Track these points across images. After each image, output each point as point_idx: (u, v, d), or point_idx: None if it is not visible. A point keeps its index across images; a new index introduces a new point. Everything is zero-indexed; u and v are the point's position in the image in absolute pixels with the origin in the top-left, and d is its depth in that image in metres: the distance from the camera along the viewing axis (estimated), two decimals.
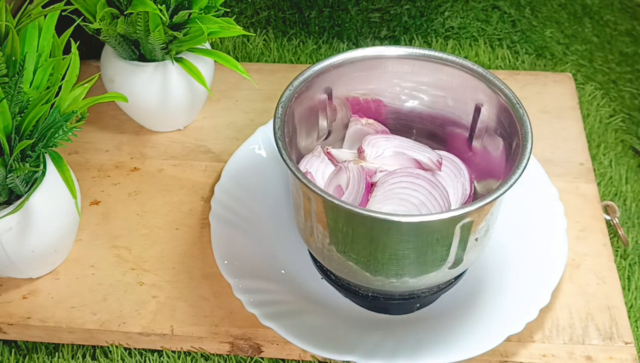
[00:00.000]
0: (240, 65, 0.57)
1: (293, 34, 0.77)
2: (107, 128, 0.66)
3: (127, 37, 0.58)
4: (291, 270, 0.54)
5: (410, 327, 0.50)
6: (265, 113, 0.66)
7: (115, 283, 0.55)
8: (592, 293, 0.53)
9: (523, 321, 0.48)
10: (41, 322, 0.52)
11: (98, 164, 0.63)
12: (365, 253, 0.46)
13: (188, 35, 0.57)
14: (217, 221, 0.56)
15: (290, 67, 0.72)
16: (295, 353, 0.51)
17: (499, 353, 0.50)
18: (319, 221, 0.46)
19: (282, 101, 0.48)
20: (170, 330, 0.52)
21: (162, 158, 0.64)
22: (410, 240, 0.44)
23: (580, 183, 0.60)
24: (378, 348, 0.48)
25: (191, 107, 0.64)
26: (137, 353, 0.52)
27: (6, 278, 0.55)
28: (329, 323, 0.50)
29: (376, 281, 0.47)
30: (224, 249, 0.54)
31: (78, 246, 0.57)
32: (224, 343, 0.51)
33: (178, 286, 0.54)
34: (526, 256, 0.53)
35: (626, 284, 0.55)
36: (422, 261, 0.45)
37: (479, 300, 0.51)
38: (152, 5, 0.53)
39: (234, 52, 0.75)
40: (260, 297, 0.51)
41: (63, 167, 0.49)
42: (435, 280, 0.48)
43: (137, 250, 0.57)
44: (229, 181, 0.58)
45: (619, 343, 0.50)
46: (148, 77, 0.60)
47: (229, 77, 0.65)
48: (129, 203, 0.60)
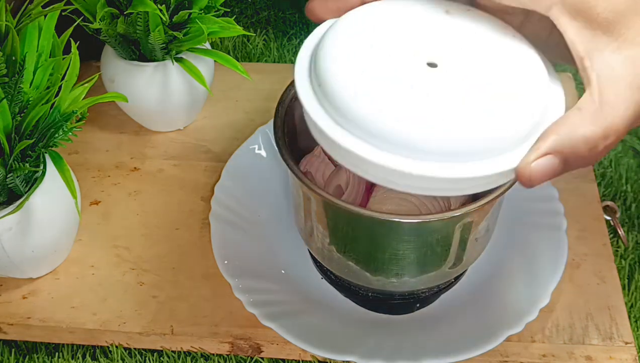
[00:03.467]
0: (240, 65, 0.57)
1: (293, 34, 0.77)
2: (107, 128, 0.66)
3: (127, 37, 0.58)
4: (291, 270, 0.54)
5: (410, 327, 0.50)
6: (265, 113, 0.66)
7: (115, 283, 0.55)
8: (592, 293, 0.53)
9: (523, 321, 0.48)
10: (41, 322, 0.52)
11: (98, 164, 0.63)
12: (365, 253, 0.46)
13: (188, 36, 0.57)
14: (217, 221, 0.56)
15: (290, 67, 0.71)
16: (295, 353, 0.51)
17: (499, 353, 0.50)
18: (319, 221, 0.46)
19: (282, 101, 0.48)
20: (170, 330, 0.52)
21: (162, 158, 0.64)
22: (411, 240, 0.44)
23: (580, 183, 0.60)
24: (378, 348, 0.48)
25: (191, 107, 0.64)
26: (137, 353, 0.52)
27: (6, 278, 0.55)
28: (329, 323, 0.50)
29: (376, 281, 0.47)
30: (224, 249, 0.54)
31: (78, 246, 0.57)
32: (224, 343, 0.51)
33: (178, 286, 0.54)
34: (526, 256, 0.53)
35: (626, 284, 0.55)
36: (422, 261, 0.45)
37: (479, 300, 0.51)
38: (152, 5, 0.53)
39: (234, 52, 0.75)
40: (260, 297, 0.51)
41: (63, 167, 0.49)
42: (435, 280, 0.48)
43: (137, 250, 0.57)
44: (229, 181, 0.58)
45: (619, 343, 0.50)
46: (148, 77, 0.60)
47: (229, 77, 0.65)
48: (129, 203, 0.60)
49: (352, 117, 0.37)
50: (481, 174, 0.37)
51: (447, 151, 0.36)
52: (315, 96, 0.40)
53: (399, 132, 0.36)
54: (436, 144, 0.36)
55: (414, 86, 0.38)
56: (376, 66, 0.39)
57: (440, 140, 0.36)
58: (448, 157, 0.37)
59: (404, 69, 0.39)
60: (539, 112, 0.38)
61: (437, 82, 0.38)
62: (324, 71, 0.39)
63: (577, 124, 0.37)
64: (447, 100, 0.37)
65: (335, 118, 0.38)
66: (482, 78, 0.39)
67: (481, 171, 0.37)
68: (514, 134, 0.37)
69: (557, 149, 0.36)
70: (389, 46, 0.40)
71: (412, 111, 0.37)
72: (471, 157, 0.37)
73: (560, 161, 0.37)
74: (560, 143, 0.36)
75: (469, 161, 0.37)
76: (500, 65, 0.39)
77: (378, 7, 0.42)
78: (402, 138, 0.36)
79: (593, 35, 0.37)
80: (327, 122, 0.38)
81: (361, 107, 0.37)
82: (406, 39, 0.40)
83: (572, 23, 0.37)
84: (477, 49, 0.40)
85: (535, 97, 0.38)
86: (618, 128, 0.36)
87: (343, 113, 0.38)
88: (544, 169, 0.37)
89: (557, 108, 0.39)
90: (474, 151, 0.37)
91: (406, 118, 0.36)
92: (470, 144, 0.37)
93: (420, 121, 0.36)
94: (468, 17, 0.42)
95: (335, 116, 0.38)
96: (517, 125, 0.37)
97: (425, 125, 0.36)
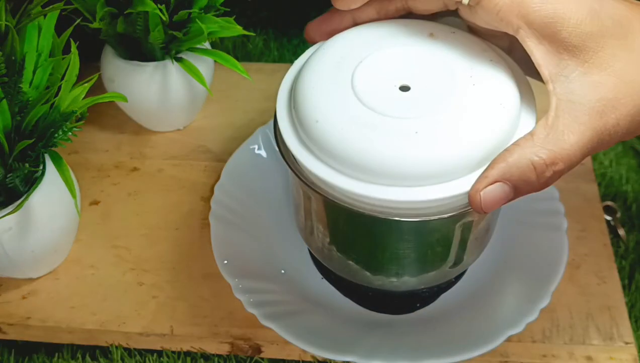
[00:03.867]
0: (240, 65, 0.57)
1: (293, 34, 0.77)
2: (106, 128, 0.66)
3: (127, 37, 0.58)
4: (291, 270, 0.54)
5: (411, 326, 0.50)
6: (265, 113, 0.66)
7: (115, 283, 0.55)
8: (592, 293, 0.53)
9: (524, 321, 0.48)
10: (41, 322, 0.52)
11: (98, 164, 0.63)
12: (366, 252, 0.46)
13: (188, 35, 0.57)
14: (217, 221, 0.55)
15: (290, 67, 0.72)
16: (295, 353, 0.51)
17: (499, 353, 0.50)
18: (319, 220, 0.46)
19: None
20: (170, 330, 0.52)
21: (161, 158, 0.64)
22: (410, 239, 0.44)
23: (580, 183, 0.60)
24: (378, 348, 0.48)
25: (191, 107, 0.64)
26: (137, 353, 0.52)
27: (6, 278, 0.55)
28: (329, 324, 0.50)
29: (376, 280, 0.47)
30: (223, 249, 0.54)
31: (78, 246, 0.57)
32: (224, 344, 0.51)
33: (178, 287, 0.54)
34: (526, 256, 0.53)
35: (626, 284, 0.55)
36: (422, 261, 0.45)
37: (479, 300, 0.51)
38: (152, 4, 0.53)
39: (234, 52, 0.75)
40: (260, 297, 0.51)
41: (63, 167, 0.49)
42: (436, 280, 0.48)
43: (137, 250, 0.57)
44: (229, 181, 0.58)
45: (619, 343, 0.50)
46: (148, 77, 0.60)
47: (229, 77, 0.65)
48: (129, 203, 0.60)
49: (313, 140, 0.40)
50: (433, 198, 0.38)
51: (397, 175, 0.38)
52: (289, 116, 0.42)
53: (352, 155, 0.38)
54: (389, 167, 0.38)
55: (377, 109, 0.39)
56: (345, 89, 0.41)
57: (393, 163, 0.38)
58: (399, 181, 0.38)
59: (373, 92, 0.40)
60: (498, 138, 0.39)
61: (402, 105, 0.39)
62: (298, 93, 0.42)
63: (526, 150, 0.37)
64: (407, 123, 0.38)
65: (303, 138, 0.41)
66: (449, 102, 0.39)
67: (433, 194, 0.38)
68: (468, 160, 0.38)
69: (505, 177, 0.37)
70: (365, 69, 0.41)
71: (367, 134, 0.38)
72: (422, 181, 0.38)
73: (510, 188, 0.37)
74: (508, 170, 0.37)
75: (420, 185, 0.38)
76: (472, 89, 0.40)
77: (363, 30, 0.44)
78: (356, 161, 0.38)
79: (559, 59, 0.37)
80: (294, 139, 0.41)
81: (320, 131, 0.39)
82: (384, 62, 0.42)
83: (539, 47, 0.37)
84: (453, 72, 0.41)
85: (498, 121, 0.39)
86: (568, 155, 0.37)
87: (307, 134, 0.40)
88: (494, 197, 0.37)
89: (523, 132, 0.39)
90: (424, 175, 0.38)
91: (360, 141, 0.38)
92: (421, 168, 0.38)
93: (374, 143, 0.38)
94: (451, 40, 0.43)
95: (302, 136, 0.41)
96: (472, 150, 0.38)
97: (379, 148, 0.38)
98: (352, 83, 0.41)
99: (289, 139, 0.41)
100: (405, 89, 0.40)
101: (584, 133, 0.36)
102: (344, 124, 0.39)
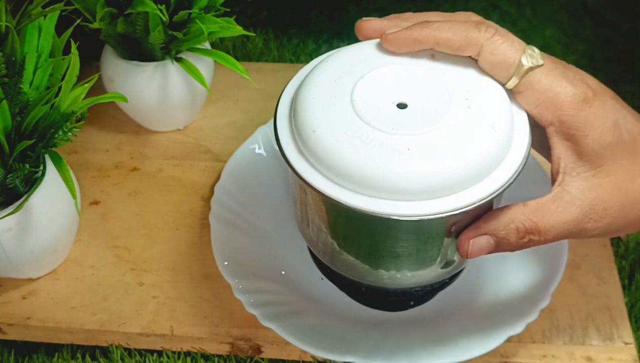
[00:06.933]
0: (240, 65, 0.57)
1: (293, 34, 0.77)
2: (106, 128, 0.66)
3: (127, 37, 0.58)
4: (291, 271, 0.54)
5: (411, 327, 0.50)
6: (265, 113, 0.66)
7: (115, 284, 0.55)
8: (592, 293, 0.53)
9: (524, 322, 0.48)
10: (41, 322, 0.52)
11: (98, 164, 0.63)
12: (365, 250, 0.46)
13: (188, 35, 0.57)
14: (217, 221, 0.55)
15: (290, 66, 0.72)
16: (295, 353, 0.51)
17: (499, 353, 0.50)
18: (319, 218, 0.46)
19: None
20: (170, 330, 0.52)
21: (161, 158, 0.64)
22: (410, 238, 0.44)
23: None
24: (378, 349, 0.48)
25: (191, 107, 0.64)
26: (137, 353, 0.52)
27: (6, 278, 0.55)
28: (329, 324, 0.50)
29: (375, 276, 0.47)
30: (224, 249, 0.54)
31: (78, 246, 0.57)
32: (224, 344, 0.51)
33: (178, 287, 0.54)
34: (526, 257, 0.53)
35: (626, 284, 0.55)
36: (421, 260, 0.45)
37: (479, 300, 0.51)
38: (152, 5, 0.53)
39: (234, 52, 0.75)
40: (261, 298, 0.51)
41: (63, 167, 0.49)
42: (431, 278, 0.48)
43: (137, 250, 0.57)
44: (229, 181, 0.58)
45: (619, 343, 0.50)
46: (148, 77, 0.60)
47: (229, 77, 0.65)
48: (129, 203, 0.60)
49: (309, 149, 0.41)
50: (422, 213, 0.40)
51: (387, 189, 0.39)
52: (289, 126, 0.43)
53: (346, 166, 0.40)
54: (379, 180, 0.39)
55: (372, 123, 0.41)
56: (344, 102, 0.42)
57: (384, 177, 0.39)
58: (389, 194, 0.39)
59: (371, 107, 0.42)
60: (488, 159, 0.40)
61: (398, 122, 0.41)
62: (298, 102, 0.43)
63: (517, 216, 0.41)
64: (401, 139, 0.40)
65: (300, 147, 0.42)
66: (443, 122, 0.41)
67: (422, 210, 0.40)
68: (456, 178, 0.40)
69: (493, 232, 0.41)
70: (365, 84, 0.43)
71: (361, 146, 0.40)
72: (411, 196, 0.39)
73: (494, 242, 0.42)
74: (497, 227, 0.41)
75: (409, 200, 0.40)
76: (466, 111, 0.42)
77: (366, 46, 0.45)
78: (349, 172, 0.40)
79: (577, 158, 0.42)
80: (292, 148, 0.42)
81: (317, 140, 0.41)
82: (384, 79, 0.43)
83: (563, 143, 0.42)
84: (449, 93, 0.42)
85: (488, 144, 0.41)
86: (547, 234, 0.41)
87: (304, 143, 0.41)
88: (480, 247, 0.42)
89: (514, 158, 0.42)
90: (414, 190, 0.39)
91: (354, 153, 0.40)
92: (411, 183, 0.39)
93: (367, 156, 0.39)
94: (452, 62, 0.44)
95: (299, 145, 0.42)
96: (461, 169, 0.40)
97: (371, 161, 0.39)
98: (351, 97, 0.42)
99: (287, 146, 0.42)
100: (402, 106, 0.42)
101: (567, 223, 0.41)
102: (340, 135, 0.40)
